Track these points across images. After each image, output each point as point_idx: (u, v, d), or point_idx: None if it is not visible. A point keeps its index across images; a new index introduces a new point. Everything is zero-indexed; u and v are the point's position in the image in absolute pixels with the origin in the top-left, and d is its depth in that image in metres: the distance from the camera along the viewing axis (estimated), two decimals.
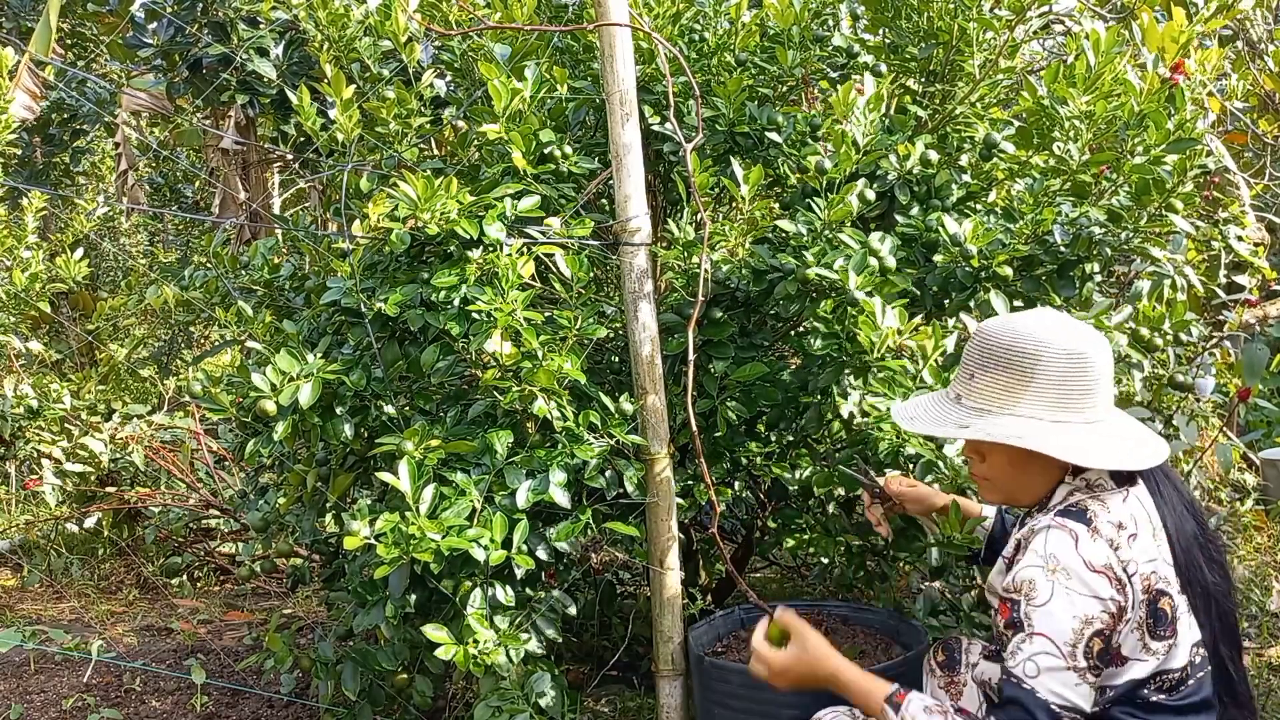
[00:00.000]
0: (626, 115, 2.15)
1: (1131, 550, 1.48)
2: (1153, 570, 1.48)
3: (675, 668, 2.34)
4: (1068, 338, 1.52)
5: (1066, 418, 1.51)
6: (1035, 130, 2.45)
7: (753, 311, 2.45)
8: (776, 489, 2.55)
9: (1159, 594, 1.47)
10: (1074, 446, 1.50)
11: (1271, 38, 4.50)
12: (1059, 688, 1.41)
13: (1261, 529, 3.85)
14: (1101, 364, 1.53)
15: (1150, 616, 1.47)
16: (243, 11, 4.02)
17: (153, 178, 7.31)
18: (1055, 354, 1.51)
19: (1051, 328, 1.53)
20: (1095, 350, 1.52)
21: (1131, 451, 1.52)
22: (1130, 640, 1.47)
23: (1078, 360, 1.51)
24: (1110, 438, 1.53)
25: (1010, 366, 1.53)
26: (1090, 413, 1.53)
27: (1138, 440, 1.55)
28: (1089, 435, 1.52)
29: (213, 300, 2.67)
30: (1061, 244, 2.27)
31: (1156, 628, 1.47)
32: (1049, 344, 1.51)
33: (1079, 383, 1.51)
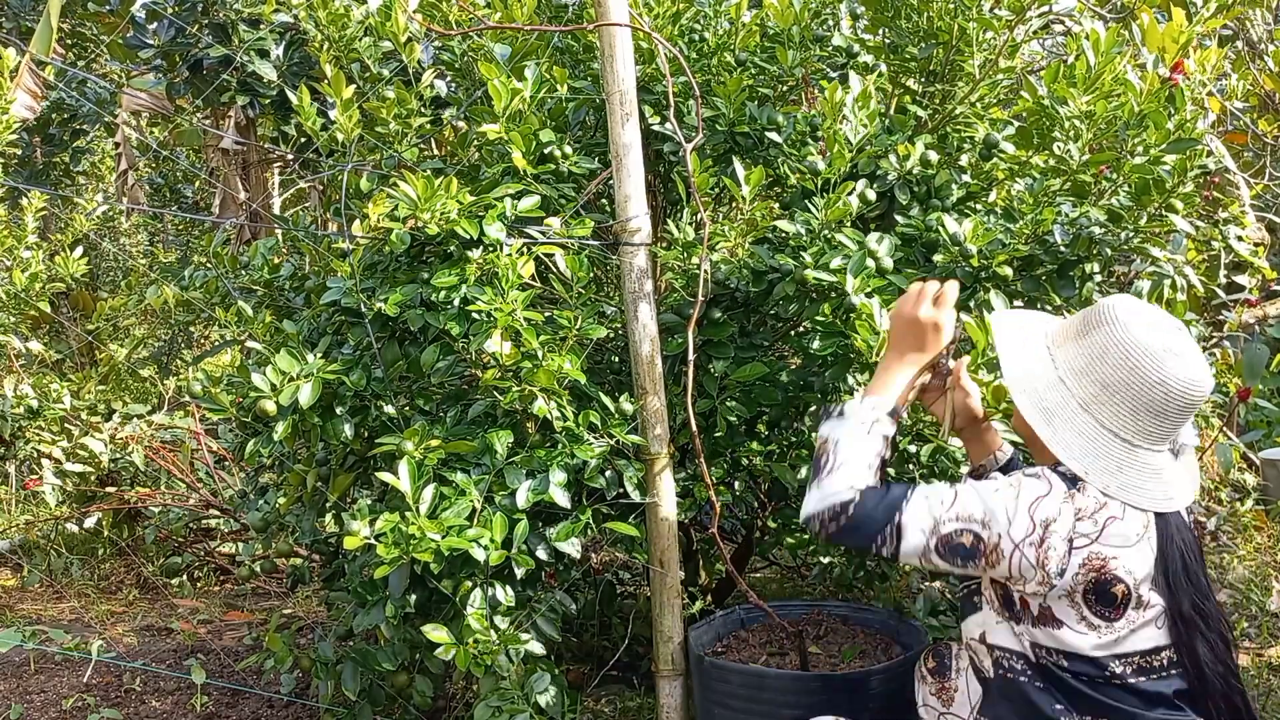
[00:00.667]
0: (626, 115, 2.15)
1: (1099, 528, 1.51)
2: (1114, 557, 1.51)
3: (675, 668, 2.34)
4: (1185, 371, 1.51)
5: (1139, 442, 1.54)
6: (1035, 130, 2.45)
7: (752, 312, 2.45)
8: (776, 489, 2.55)
9: (1113, 578, 1.51)
10: (1099, 468, 1.54)
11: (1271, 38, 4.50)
12: (914, 516, 1.57)
13: (1261, 529, 3.85)
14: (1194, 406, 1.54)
15: (1092, 592, 1.52)
16: (244, 13, 4.02)
17: (153, 178, 7.31)
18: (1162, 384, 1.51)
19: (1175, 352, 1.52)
20: (1199, 391, 1.52)
21: (1152, 494, 1.55)
22: (1060, 605, 1.54)
23: (1179, 398, 1.52)
24: (1146, 472, 1.55)
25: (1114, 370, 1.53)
26: (1150, 440, 1.55)
27: (1164, 489, 1.56)
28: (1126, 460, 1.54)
29: (213, 300, 2.67)
30: (1061, 244, 2.27)
31: (1099, 604, 1.52)
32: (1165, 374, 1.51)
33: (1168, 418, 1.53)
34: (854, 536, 1.62)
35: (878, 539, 1.60)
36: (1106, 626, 1.53)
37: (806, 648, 2.25)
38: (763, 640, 2.36)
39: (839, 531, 1.63)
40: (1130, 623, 1.53)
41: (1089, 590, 1.52)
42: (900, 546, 1.59)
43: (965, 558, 1.56)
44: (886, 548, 1.60)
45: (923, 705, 1.82)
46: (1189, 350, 1.53)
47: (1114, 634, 1.53)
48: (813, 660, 2.23)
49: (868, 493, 1.62)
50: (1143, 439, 1.54)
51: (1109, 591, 1.52)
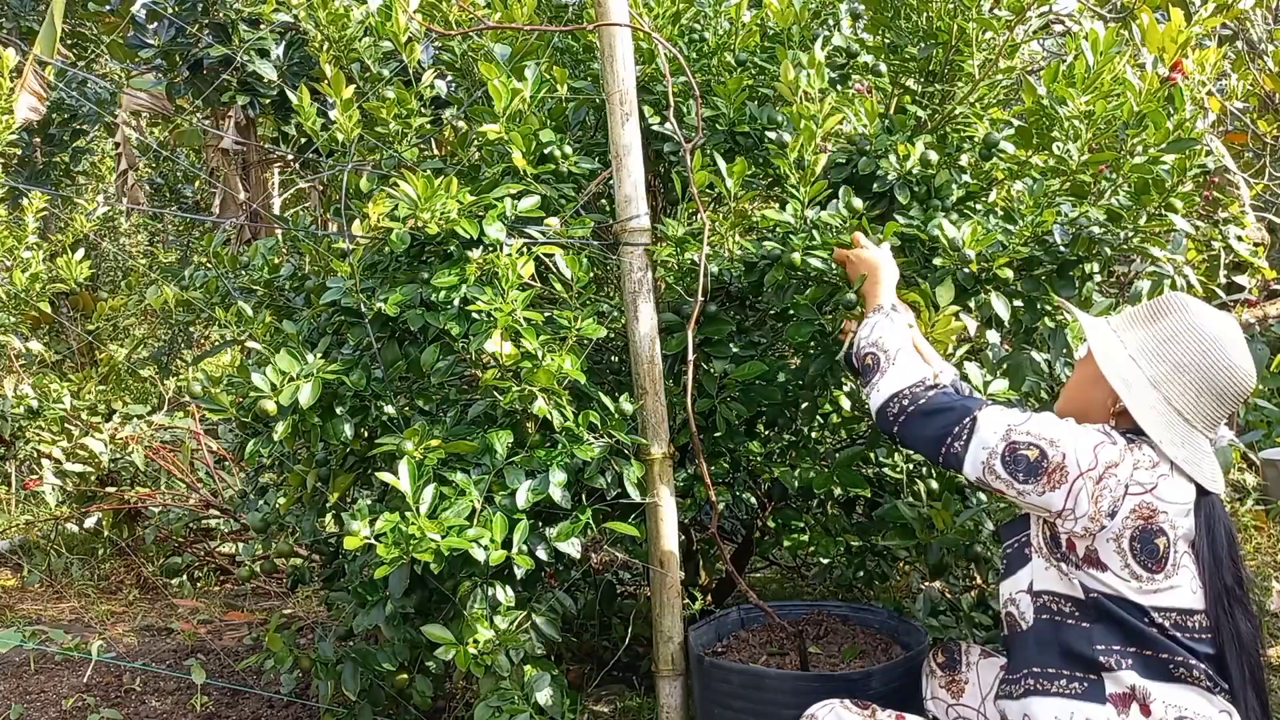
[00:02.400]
0: (626, 115, 2.15)
1: (1154, 478, 1.58)
2: (1166, 509, 1.58)
3: (675, 668, 2.34)
4: (1248, 364, 1.62)
5: (1197, 424, 1.62)
6: (1035, 130, 2.45)
7: (747, 306, 2.45)
8: (776, 489, 2.55)
9: (1158, 529, 1.57)
10: (1169, 439, 1.61)
11: (1271, 38, 4.50)
12: (990, 416, 1.65)
13: (1261, 529, 3.85)
14: (1245, 395, 1.63)
15: (1138, 540, 1.57)
16: (244, 13, 4.02)
17: (153, 178, 7.31)
18: (1230, 370, 1.61)
19: (1240, 345, 1.62)
20: (1253, 381, 1.63)
21: (1204, 472, 1.63)
22: (1107, 549, 1.58)
23: (1240, 384, 1.61)
24: (1201, 451, 1.63)
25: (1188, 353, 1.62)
26: (1205, 424, 1.63)
27: (1213, 469, 1.65)
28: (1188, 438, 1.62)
29: (213, 300, 2.67)
30: (1061, 244, 2.27)
31: (1143, 554, 1.57)
32: (1233, 364, 1.60)
33: (1225, 403, 1.62)
34: (929, 423, 1.69)
35: (954, 429, 1.66)
36: (1148, 578, 1.57)
37: (806, 648, 2.25)
38: (763, 640, 2.36)
39: (916, 414, 1.71)
40: (1169, 577, 1.58)
41: (1135, 537, 1.57)
42: (970, 443, 1.64)
43: (1027, 473, 1.60)
44: (959, 442, 1.65)
45: (931, 698, 1.85)
46: (1248, 346, 1.66)
47: (1154, 585, 1.58)
48: (813, 660, 2.23)
49: (939, 387, 1.73)
50: (1200, 421, 1.62)
51: (1153, 542, 1.57)
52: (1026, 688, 1.63)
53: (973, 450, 1.64)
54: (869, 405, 1.80)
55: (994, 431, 1.63)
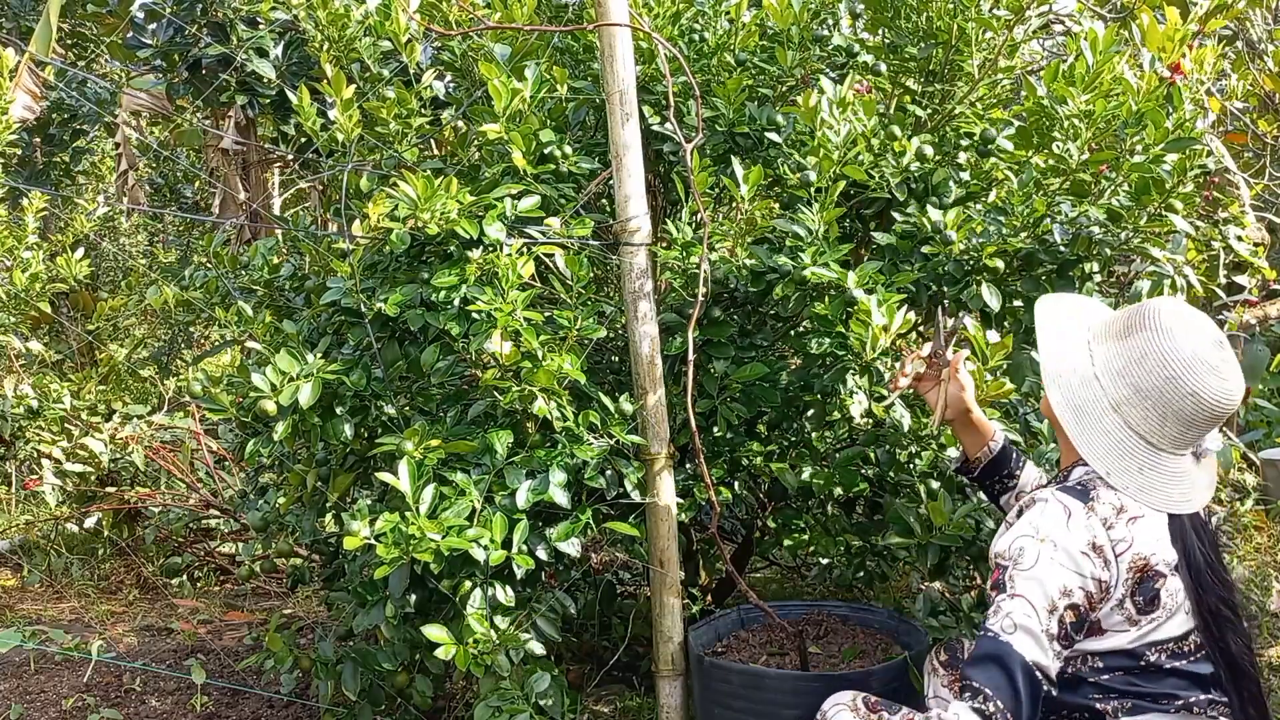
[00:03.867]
0: (626, 115, 2.15)
1: (1130, 530, 1.53)
2: (1154, 551, 1.53)
3: (675, 668, 2.34)
4: (1219, 386, 1.53)
5: (1164, 446, 1.56)
6: (1035, 130, 2.45)
7: (752, 312, 2.45)
8: (776, 489, 2.55)
9: (1155, 574, 1.53)
10: (1120, 467, 1.55)
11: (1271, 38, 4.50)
12: (1032, 646, 1.46)
13: (1261, 529, 3.85)
14: (1223, 417, 1.56)
15: (1139, 593, 1.52)
16: (242, 12, 4.02)
17: (153, 178, 7.31)
18: (1194, 396, 1.53)
19: (1211, 367, 1.52)
20: (1230, 403, 1.54)
21: (1169, 496, 1.56)
22: (1113, 618, 1.53)
23: (1209, 410, 1.54)
24: (1166, 474, 1.57)
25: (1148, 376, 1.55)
26: (1175, 445, 1.57)
27: (1183, 491, 1.58)
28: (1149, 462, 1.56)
29: (213, 300, 2.67)
30: (1061, 243, 2.27)
31: (1145, 604, 1.54)
32: (1197, 388, 1.52)
33: (1196, 426, 1.56)
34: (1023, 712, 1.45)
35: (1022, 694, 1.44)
36: (1147, 619, 1.54)
37: (806, 648, 2.25)
38: (763, 640, 2.36)
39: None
40: (1167, 611, 1.55)
41: (1135, 592, 1.53)
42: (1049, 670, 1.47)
43: (1078, 627, 1.51)
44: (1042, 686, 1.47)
45: (933, 697, 1.85)
46: (1226, 364, 1.54)
47: (1152, 624, 1.55)
48: (813, 660, 2.23)
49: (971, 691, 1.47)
50: (1168, 444, 1.56)
51: (1152, 589, 1.53)
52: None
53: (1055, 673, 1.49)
54: None
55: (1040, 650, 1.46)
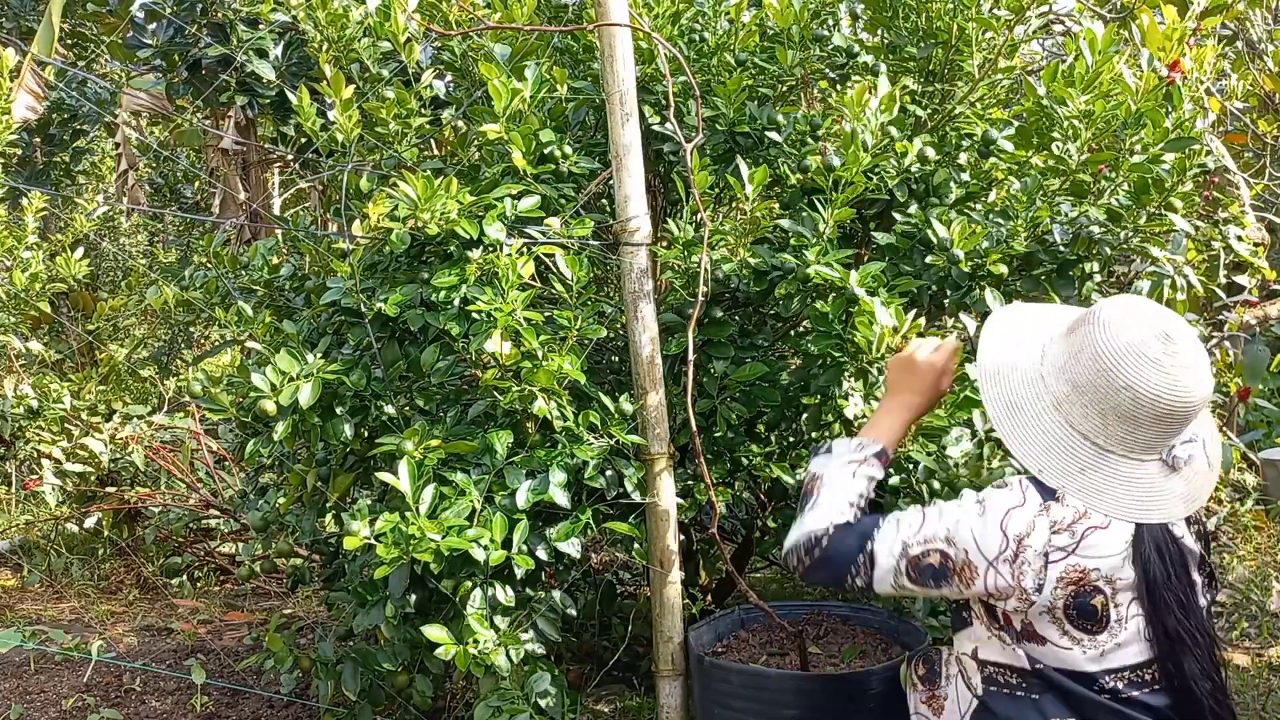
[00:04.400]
0: (626, 115, 2.15)
1: (1076, 539, 1.48)
2: (1097, 566, 1.48)
3: (675, 668, 2.34)
4: (1157, 380, 1.44)
5: (1113, 448, 1.50)
6: (1034, 130, 2.45)
7: (753, 311, 2.45)
8: (776, 489, 2.55)
9: (1092, 590, 1.48)
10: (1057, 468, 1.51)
11: (1271, 38, 4.50)
12: (886, 548, 1.57)
13: (1261, 529, 3.85)
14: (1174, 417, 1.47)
15: (1073, 608, 1.49)
16: (242, 13, 4.02)
17: (153, 178, 7.31)
18: (1128, 389, 1.45)
19: (1149, 361, 1.44)
20: (1175, 401, 1.44)
21: (1120, 502, 1.50)
22: (1041, 621, 1.51)
23: (1150, 407, 1.45)
24: (1117, 479, 1.50)
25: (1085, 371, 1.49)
26: (1127, 448, 1.49)
27: (1140, 500, 1.50)
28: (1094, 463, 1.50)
29: (213, 300, 2.67)
30: (1061, 243, 2.27)
31: (1080, 618, 1.49)
32: (1131, 381, 1.44)
33: (1143, 426, 1.48)
34: (827, 568, 1.62)
35: (851, 569, 1.59)
36: (1089, 640, 1.50)
37: (806, 648, 2.25)
38: (763, 640, 2.36)
39: (813, 565, 1.63)
40: (1113, 635, 1.50)
41: (1069, 605, 1.49)
42: (873, 574, 1.58)
43: (937, 578, 1.55)
44: (860, 577, 1.59)
45: (914, 713, 1.81)
46: (1172, 359, 1.44)
47: (1098, 648, 1.51)
48: (813, 660, 2.23)
49: (842, 526, 1.63)
50: (1117, 445, 1.49)
51: (1089, 605, 1.49)
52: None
53: (877, 580, 1.58)
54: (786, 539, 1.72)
55: (890, 554, 1.57)
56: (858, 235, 2.55)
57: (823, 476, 1.70)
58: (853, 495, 1.68)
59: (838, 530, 1.62)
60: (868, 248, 2.51)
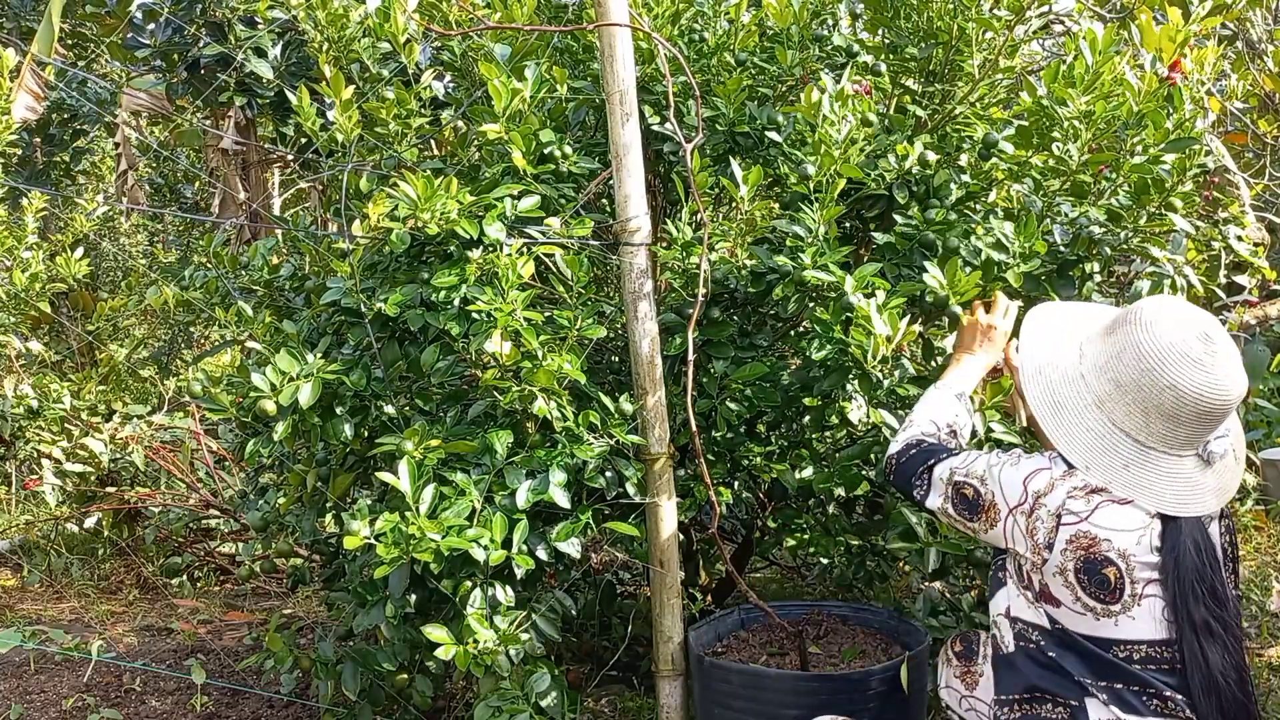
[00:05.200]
0: (626, 115, 2.15)
1: (1091, 507, 1.53)
2: (1109, 537, 1.52)
3: (675, 668, 2.34)
4: (1201, 381, 1.49)
5: (1154, 445, 1.54)
6: (1035, 130, 2.45)
7: (752, 312, 2.45)
8: (776, 489, 2.55)
9: (1103, 559, 1.52)
10: (1102, 464, 1.55)
11: (1271, 38, 4.50)
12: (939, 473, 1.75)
13: (1261, 529, 3.85)
14: (1214, 414, 1.51)
15: (1084, 572, 1.53)
16: (239, 12, 4.02)
17: (153, 178, 7.30)
18: (1172, 388, 1.49)
19: (1192, 362, 1.49)
20: (1217, 399, 1.49)
21: (1162, 496, 1.54)
22: (1055, 584, 1.56)
23: (1193, 405, 1.50)
24: (1159, 474, 1.54)
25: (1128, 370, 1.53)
26: (1167, 444, 1.54)
27: (1179, 493, 1.54)
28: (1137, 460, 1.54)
29: (213, 300, 2.67)
30: (1061, 243, 2.27)
31: (1093, 585, 1.53)
32: (1175, 381, 1.49)
33: (1184, 423, 1.52)
34: (901, 477, 1.82)
35: (915, 482, 1.79)
36: (1103, 609, 1.53)
37: (806, 648, 2.25)
38: (763, 640, 2.36)
39: (893, 472, 1.84)
40: (1126, 609, 1.53)
41: (1080, 569, 1.53)
42: (929, 492, 1.77)
43: (970, 510, 1.68)
44: (919, 491, 1.78)
45: (945, 686, 1.85)
46: (1212, 357, 1.49)
47: (1111, 618, 1.54)
48: (813, 660, 2.24)
49: (920, 443, 1.83)
50: (1158, 442, 1.54)
51: (1100, 573, 1.52)
52: (1022, 713, 1.62)
53: (932, 497, 1.76)
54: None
55: (941, 477, 1.74)
56: (858, 236, 2.55)
57: (920, 403, 1.93)
58: (944, 415, 1.89)
59: (916, 446, 1.83)
60: (868, 248, 2.51)
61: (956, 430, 1.88)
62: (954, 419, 1.89)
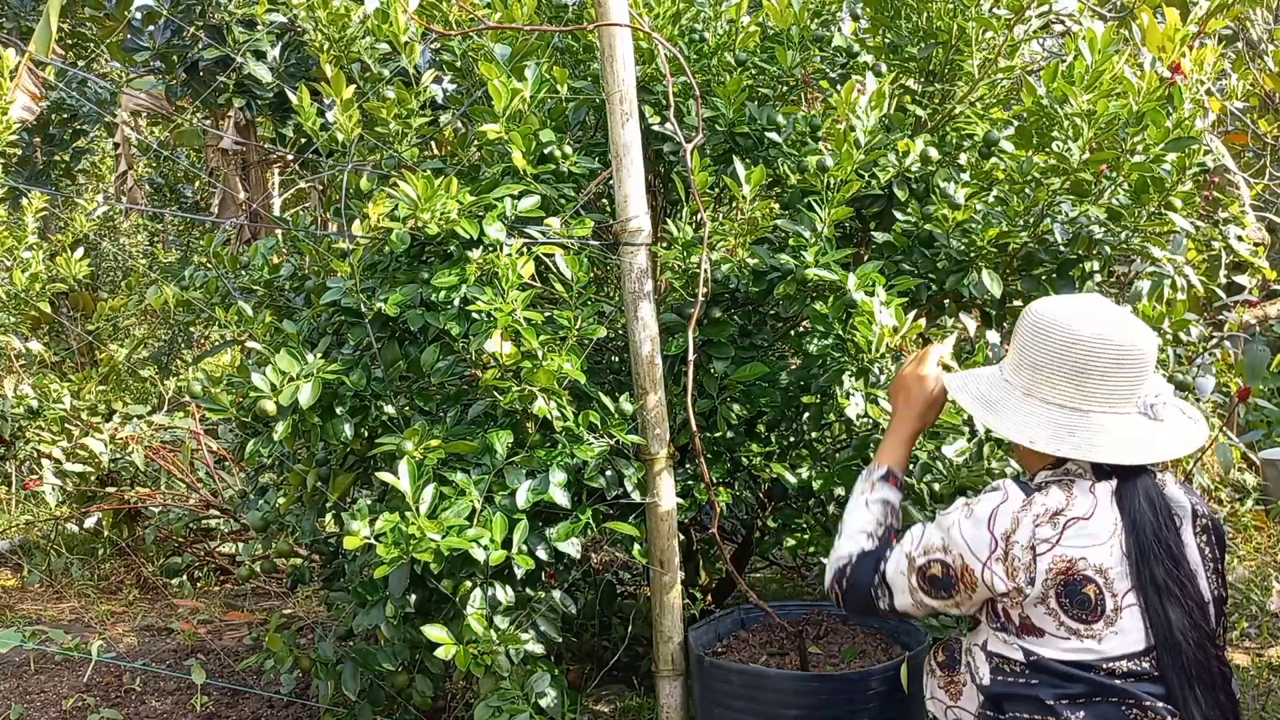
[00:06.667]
0: (626, 115, 2.15)
1: (1059, 530, 1.54)
2: (1081, 557, 1.53)
3: (675, 668, 2.34)
4: (1100, 327, 1.56)
5: (1090, 407, 1.58)
6: (1035, 130, 2.45)
7: (752, 311, 2.45)
8: (776, 489, 2.55)
9: (1082, 579, 1.53)
10: (1046, 435, 1.58)
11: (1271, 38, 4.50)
12: (895, 568, 1.67)
13: (1261, 529, 3.85)
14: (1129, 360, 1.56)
15: (1065, 596, 1.54)
16: (236, 14, 4.01)
17: (153, 178, 7.31)
18: (1078, 342, 1.56)
19: (1085, 315, 1.58)
20: (1123, 344, 1.56)
21: (1113, 450, 1.56)
22: (1037, 613, 1.56)
23: (1103, 352, 1.56)
24: (1105, 431, 1.57)
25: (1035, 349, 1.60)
26: (1102, 403, 1.58)
27: (1133, 446, 1.57)
28: (1080, 424, 1.57)
29: (213, 300, 2.67)
30: (1061, 243, 2.27)
31: (1074, 608, 1.54)
32: (1077, 332, 1.56)
33: (1110, 376, 1.57)
34: (856, 596, 1.72)
35: (872, 593, 1.69)
36: (1086, 630, 1.54)
37: (806, 648, 2.25)
38: (763, 640, 2.36)
39: (844, 595, 1.74)
40: (1109, 624, 1.54)
41: (1060, 594, 1.54)
42: (893, 596, 1.68)
43: (945, 587, 1.62)
44: (883, 601, 1.69)
45: (930, 697, 1.85)
46: (1102, 312, 1.58)
47: (1095, 637, 1.54)
48: (813, 660, 2.24)
49: (860, 555, 1.73)
50: (1095, 404, 1.58)
51: (1081, 593, 1.53)
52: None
53: (898, 598, 1.68)
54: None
55: (901, 572, 1.66)
56: (857, 235, 2.55)
57: (846, 511, 1.82)
58: (868, 524, 1.77)
59: (857, 560, 1.73)
60: (868, 247, 2.51)
61: (890, 526, 1.79)
62: (881, 517, 1.79)
